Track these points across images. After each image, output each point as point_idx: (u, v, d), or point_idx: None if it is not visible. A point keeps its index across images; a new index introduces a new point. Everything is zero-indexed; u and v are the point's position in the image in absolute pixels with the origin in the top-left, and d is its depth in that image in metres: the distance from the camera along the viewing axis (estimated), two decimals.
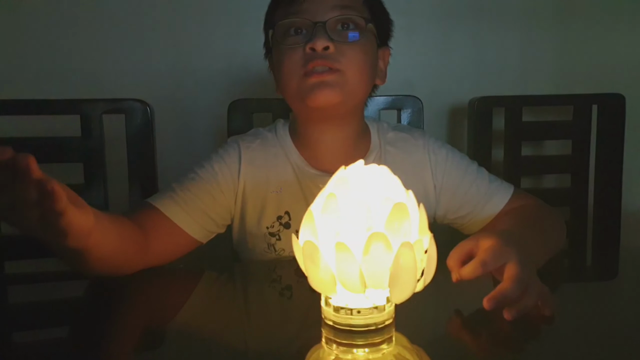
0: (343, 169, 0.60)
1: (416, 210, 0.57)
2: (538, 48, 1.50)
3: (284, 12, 0.88)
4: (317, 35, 0.84)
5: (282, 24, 0.88)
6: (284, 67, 0.88)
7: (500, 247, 0.66)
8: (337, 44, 0.85)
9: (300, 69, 0.85)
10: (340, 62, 0.85)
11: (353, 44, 0.87)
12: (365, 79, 0.90)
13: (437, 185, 0.96)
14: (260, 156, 0.95)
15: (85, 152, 1.10)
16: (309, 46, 0.84)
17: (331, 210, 0.55)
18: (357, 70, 0.87)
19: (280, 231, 0.93)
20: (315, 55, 0.84)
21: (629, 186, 1.39)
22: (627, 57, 1.53)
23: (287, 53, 0.87)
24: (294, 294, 0.78)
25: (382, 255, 0.52)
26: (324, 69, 0.85)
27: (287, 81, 0.88)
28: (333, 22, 0.86)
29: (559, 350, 0.59)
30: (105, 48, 1.32)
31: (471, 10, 1.47)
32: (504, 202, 0.94)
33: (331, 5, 0.86)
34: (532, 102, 1.37)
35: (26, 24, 1.29)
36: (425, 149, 0.98)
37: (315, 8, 0.86)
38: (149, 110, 1.13)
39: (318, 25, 0.84)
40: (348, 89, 0.86)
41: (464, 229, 0.98)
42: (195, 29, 1.36)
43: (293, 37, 0.87)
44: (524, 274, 0.63)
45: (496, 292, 0.62)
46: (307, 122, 0.94)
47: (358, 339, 0.56)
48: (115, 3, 1.32)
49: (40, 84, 1.30)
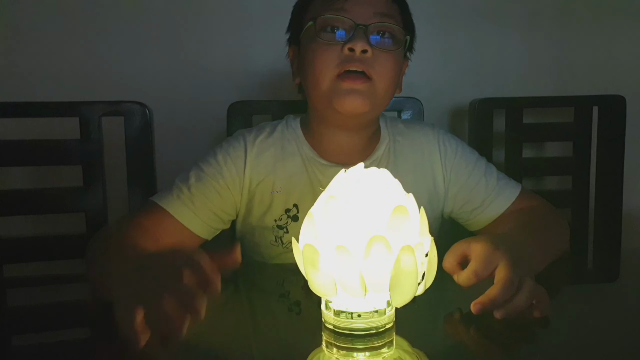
0: (344, 172, 0.60)
1: (417, 213, 0.57)
2: (538, 49, 1.50)
3: (326, 7, 0.87)
4: (358, 37, 0.84)
5: (324, 19, 0.87)
6: (317, 62, 0.87)
7: (491, 252, 0.66)
8: (375, 50, 0.85)
9: (335, 68, 0.85)
10: (375, 69, 0.85)
11: (388, 54, 0.87)
12: (392, 90, 0.91)
13: (445, 177, 0.97)
14: (268, 148, 0.94)
15: (85, 155, 1.10)
16: (347, 46, 0.84)
17: (331, 213, 0.55)
18: (387, 81, 0.88)
19: (288, 224, 0.93)
20: (353, 57, 0.84)
21: (630, 188, 1.39)
22: (628, 58, 1.53)
23: (323, 48, 0.86)
24: (295, 297, 0.77)
25: (382, 258, 0.52)
26: (358, 73, 0.85)
27: (319, 78, 0.87)
28: (373, 28, 0.86)
29: (560, 354, 0.59)
30: (104, 50, 1.32)
31: (471, 12, 1.47)
32: (510, 201, 0.95)
33: (373, 11, 0.86)
34: (532, 104, 1.37)
35: (25, 26, 1.28)
36: (436, 139, 0.99)
37: (358, 10, 0.86)
38: (148, 113, 1.12)
39: (359, 28, 0.84)
40: (376, 99, 0.88)
41: (468, 225, 0.98)
42: (194, 31, 1.36)
43: (329, 33, 0.87)
44: (513, 277, 0.63)
45: (484, 297, 0.63)
46: (325, 122, 0.94)
47: (358, 343, 0.55)
48: (115, 5, 1.32)
49: (39, 86, 1.29)
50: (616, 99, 1.34)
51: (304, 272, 0.57)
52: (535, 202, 0.96)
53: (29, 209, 1.12)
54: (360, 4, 0.86)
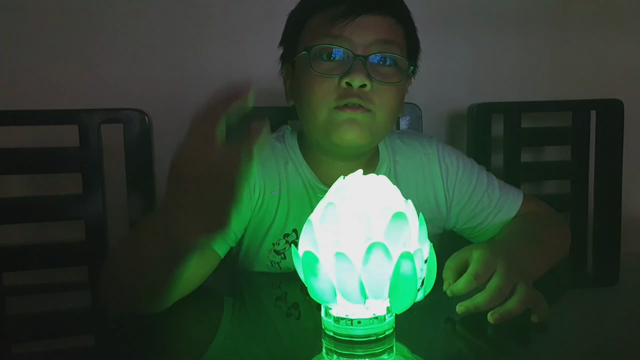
0: (342, 178, 0.60)
1: (416, 220, 0.57)
2: (536, 54, 1.50)
3: (321, 31, 0.81)
4: (356, 70, 0.78)
5: (319, 48, 0.81)
6: (313, 95, 0.81)
7: (490, 258, 0.67)
8: (375, 82, 0.80)
9: (332, 101, 0.80)
10: (374, 102, 0.80)
11: (390, 85, 0.82)
12: (393, 120, 0.87)
13: (448, 196, 0.94)
14: (272, 167, 0.89)
15: (84, 162, 1.10)
16: (345, 80, 0.79)
17: (330, 220, 0.55)
18: (387, 113, 0.83)
19: (285, 250, 0.88)
20: (351, 91, 0.79)
21: (628, 191, 1.39)
22: (625, 62, 1.54)
23: (318, 80, 0.81)
24: (295, 304, 0.77)
25: (382, 265, 0.52)
26: (355, 104, 0.80)
27: (314, 110, 0.82)
28: (373, 57, 0.80)
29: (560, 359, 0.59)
30: (103, 58, 1.32)
31: (469, 17, 1.47)
32: (514, 212, 0.93)
33: (374, 38, 0.80)
34: (531, 108, 1.37)
35: (23, 34, 1.29)
36: (437, 158, 0.95)
37: (358, 37, 0.80)
38: (147, 120, 1.12)
39: (358, 59, 0.79)
40: (375, 130, 0.83)
41: (472, 237, 0.97)
42: (193, 38, 1.36)
43: (326, 62, 0.81)
44: (504, 286, 0.64)
45: (470, 301, 0.64)
46: (323, 150, 0.89)
47: (358, 350, 0.56)
48: (113, 13, 1.32)
49: (38, 94, 1.29)
50: (614, 103, 1.34)
51: (303, 279, 0.57)
52: (537, 207, 0.95)
53: (29, 217, 1.12)
54: (362, 29, 0.80)
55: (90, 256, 1.10)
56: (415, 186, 0.93)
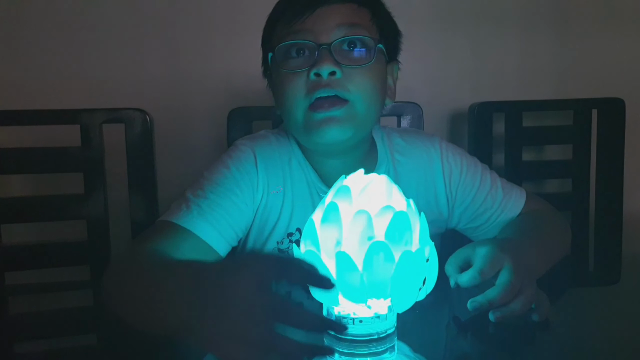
0: (344, 177, 0.60)
1: (417, 219, 0.57)
2: (537, 53, 1.50)
3: (284, 31, 0.80)
4: (322, 59, 0.76)
5: (283, 47, 0.80)
6: (286, 95, 0.80)
7: (496, 255, 0.66)
8: (345, 68, 0.78)
9: (304, 99, 0.78)
10: (349, 90, 0.78)
11: (362, 68, 0.79)
12: (376, 106, 0.83)
13: (450, 197, 0.92)
14: (276, 165, 0.87)
15: (85, 162, 1.10)
16: (313, 71, 0.77)
17: (332, 219, 0.55)
18: (366, 99, 0.80)
19: (289, 249, 0.86)
20: (321, 81, 0.77)
21: (630, 190, 1.39)
22: (627, 61, 1.53)
23: (289, 78, 0.79)
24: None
25: (383, 264, 0.52)
26: (331, 95, 0.77)
27: (291, 112, 0.80)
28: (339, 43, 0.78)
29: (562, 358, 0.59)
30: (104, 58, 1.32)
31: (470, 16, 1.47)
32: (517, 212, 0.92)
33: (336, 24, 0.78)
34: (532, 107, 1.37)
35: (25, 34, 1.29)
36: (439, 158, 0.92)
37: (319, 27, 0.78)
38: (149, 120, 1.12)
39: (322, 48, 0.77)
40: (358, 121, 0.80)
41: (474, 237, 0.96)
42: (194, 37, 1.36)
43: (295, 59, 0.80)
44: (515, 281, 0.64)
45: (483, 297, 0.63)
46: (314, 149, 0.88)
47: (360, 349, 0.56)
48: (115, 12, 1.32)
49: (40, 94, 1.30)
50: (615, 102, 1.34)
51: None
52: (538, 206, 0.95)
53: (31, 217, 1.12)
54: (322, 18, 0.78)
55: (92, 255, 1.11)
56: (416, 186, 0.91)
